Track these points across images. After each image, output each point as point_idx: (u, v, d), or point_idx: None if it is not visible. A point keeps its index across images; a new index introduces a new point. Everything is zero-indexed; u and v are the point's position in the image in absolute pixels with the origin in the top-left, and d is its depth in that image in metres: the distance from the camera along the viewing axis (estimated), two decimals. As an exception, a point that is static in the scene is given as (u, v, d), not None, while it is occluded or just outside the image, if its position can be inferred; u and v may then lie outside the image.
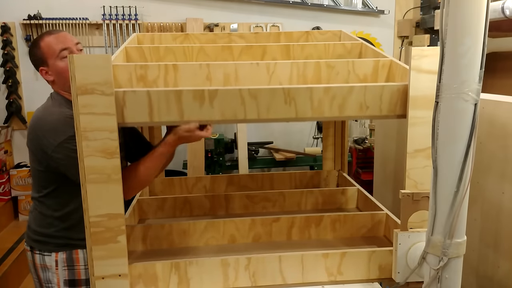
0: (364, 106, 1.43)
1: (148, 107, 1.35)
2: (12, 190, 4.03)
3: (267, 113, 1.39)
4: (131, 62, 1.85)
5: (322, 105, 1.41)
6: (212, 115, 1.38)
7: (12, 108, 4.13)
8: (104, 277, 1.37)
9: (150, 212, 2.05)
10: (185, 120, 1.39)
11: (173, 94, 1.35)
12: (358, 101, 1.42)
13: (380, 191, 2.81)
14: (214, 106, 1.37)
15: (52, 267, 1.82)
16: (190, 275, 1.46)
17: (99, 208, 1.34)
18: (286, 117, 1.42)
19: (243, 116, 1.39)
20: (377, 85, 1.44)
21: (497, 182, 1.74)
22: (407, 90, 1.42)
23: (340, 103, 1.42)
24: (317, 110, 1.41)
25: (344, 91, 1.41)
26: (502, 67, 3.23)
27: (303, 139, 4.61)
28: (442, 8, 1.15)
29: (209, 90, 1.37)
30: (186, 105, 1.36)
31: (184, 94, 1.35)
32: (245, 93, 1.37)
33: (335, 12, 4.46)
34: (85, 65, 1.27)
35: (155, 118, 1.36)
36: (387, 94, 1.43)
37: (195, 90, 1.36)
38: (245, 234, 1.76)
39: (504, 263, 1.72)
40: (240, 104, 1.38)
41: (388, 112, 1.45)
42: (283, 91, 1.39)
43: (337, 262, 1.52)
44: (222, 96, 1.37)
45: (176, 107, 1.36)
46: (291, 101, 1.40)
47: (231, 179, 2.38)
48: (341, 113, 1.43)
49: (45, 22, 4.05)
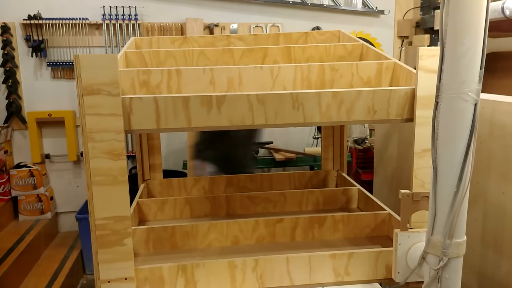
0: (372, 110, 1.43)
1: (155, 114, 1.33)
2: (12, 190, 4.03)
3: (275, 118, 1.39)
4: (132, 67, 1.85)
5: (330, 109, 1.41)
6: (220, 121, 1.37)
7: (12, 108, 4.13)
8: (110, 281, 1.36)
9: (150, 214, 2.04)
10: (193, 127, 1.37)
11: (180, 101, 1.34)
12: (366, 105, 1.42)
13: (380, 191, 2.81)
14: (222, 112, 1.36)
15: None
16: (197, 277, 1.46)
17: (105, 210, 1.32)
18: (294, 122, 1.41)
19: (250, 122, 1.39)
20: (385, 89, 1.45)
21: (497, 182, 1.74)
22: (414, 94, 1.43)
23: (348, 107, 1.42)
24: (325, 115, 1.41)
25: (352, 95, 1.41)
26: (502, 67, 3.23)
27: (303, 139, 4.61)
28: (442, 8, 1.15)
29: (217, 96, 1.36)
30: (193, 111, 1.35)
31: (192, 100, 1.34)
32: (253, 99, 1.37)
33: (335, 12, 4.46)
34: (91, 65, 1.25)
35: (162, 125, 1.35)
36: (394, 98, 1.43)
37: (202, 96, 1.35)
38: (249, 235, 1.77)
39: (505, 263, 1.72)
40: (248, 109, 1.37)
41: (396, 116, 1.45)
42: (291, 96, 1.39)
43: (345, 263, 1.52)
44: (229, 102, 1.36)
45: (183, 113, 1.34)
46: (299, 106, 1.39)
47: (230, 180, 2.38)
48: (349, 118, 1.43)
49: (45, 22, 4.04)
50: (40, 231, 3.78)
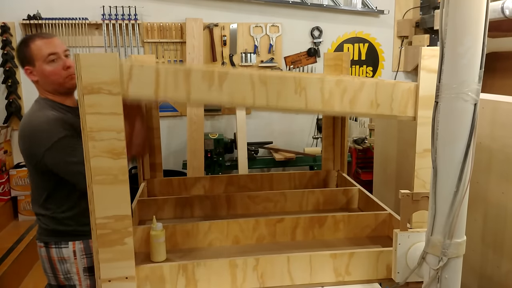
0: (375, 103, 1.42)
1: (155, 84, 1.30)
2: (11, 190, 4.03)
3: (277, 101, 1.37)
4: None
5: (333, 98, 1.40)
6: (220, 98, 1.34)
7: (12, 108, 4.13)
8: (110, 280, 1.35)
9: (150, 213, 2.04)
10: (192, 100, 1.35)
11: (182, 72, 1.31)
12: (369, 97, 1.41)
13: (380, 191, 2.81)
14: (223, 88, 1.34)
15: (71, 258, 1.87)
16: (198, 276, 1.45)
17: (106, 209, 1.32)
18: (296, 108, 1.39)
19: (251, 102, 1.36)
20: (388, 82, 1.44)
21: (497, 182, 1.74)
22: (417, 90, 1.43)
23: (351, 97, 1.41)
24: (328, 103, 1.40)
25: (356, 85, 1.40)
26: (502, 67, 3.24)
27: (302, 139, 4.61)
28: (442, 8, 1.15)
29: (219, 71, 1.33)
30: (194, 84, 1.32)
31: (194, 73, 1.32)
32: (256, 78, 1.35)
33: (335, 12, 4.47)
34: (92, 64, 1.24)
35: (161, 95, 1.31)
36: (398, 93, 1.43)
37: (204, 70, 1.33)
38: (249, 235, 1.77)
39: (505, 263, 1.72)
40: (250, 89, 1.35)
41: (399, 112, 1.45)
42: (294, 80, 1.37)
43: (345, 263, 1.52)
44: (232, 79, 1.34)
45: (184, 85, 1.32)
46: (302, 91, 1.37)
47: (230, 180, 2.38)
48: (352, 109, 1.42)
49: (45, 22, 4.04)
50: (40, 231, 3.78)
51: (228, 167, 4.07)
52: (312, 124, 4.58)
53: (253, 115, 4.53)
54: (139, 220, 2.02)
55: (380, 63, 4.65)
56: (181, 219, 2.05)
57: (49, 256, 1.89)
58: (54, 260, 1.89)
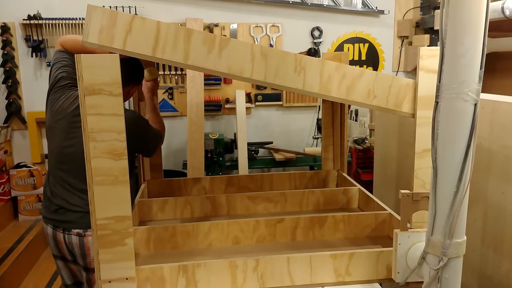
0: (372, 94, 1.43)
1: (154, 40, 1.28)
2: (12, 190, 4.03)
3: (275, 77, 1.36)
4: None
5: (331, 82, 1.40)
6: (218, 66, 1.33)
7: (12, 108, 4.13)
8: (111, 281, 1.35)
9: (150, 214, 2.04)
10: (189, 64, 1.32)
11: (183, 32, 1.29)
12: (367, 86, 1.42)
13: (380, 191, 2.82)
14: (222, 56, 1.33)
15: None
16: (198, 277, 1.46)
17: (106, 210, 1.32)
18: (293, 87, 1.39)
19: (249, 75, 1.35)
20: (387, 75, 1.45)
21: (497, 182, 1.74)
22: (415, 87, 1.43)
23: (349, 84, 1.41)
24: (325, 87, 1.40)
25: (355, 73, 1.41)
26: (502, 67, 3.24)
27: (303, 139, 4.61)
28: (442, 8, 1.15)
29: (221, 38, 1.32)
30: (193, 47, 1.31)
31: (195, 35, 1.30)
32: (257, 50, 1.34)
33: (335, 12, 4.47)
34: (93, 65, 1.24)
35: (158, 54, 1.30)
36: (396, 87, 1.43)
37: (206, 34, 1.31)
38: (249, 235, 1.77)
39: (505, 263, 1.72)
40: (249, 60, 1.34)
41: (395, 106, 1.45)
42: (295, 58, 1.37)
43: (345, 263, 1.52)
44: (232, 48, 1.32)
45: (183, 47, 1.30)
46: (301, 71, 1.37)
47: (230, 180, 2.38)
48: (348, 96, 1.42)
49: (45, 22, 4.04)
50: (40, 231, 3.77)
51: (228, 167, 4.07)
52: (312, 124, 4.58)
53: (253, 115, 4.53)
54: (139, 221, 2.02)
55: (380, 63, 4.64)
56: (181, 219, 2.05)
57: (84, 244, 1.97)
58: (89, 247, 1.97)
